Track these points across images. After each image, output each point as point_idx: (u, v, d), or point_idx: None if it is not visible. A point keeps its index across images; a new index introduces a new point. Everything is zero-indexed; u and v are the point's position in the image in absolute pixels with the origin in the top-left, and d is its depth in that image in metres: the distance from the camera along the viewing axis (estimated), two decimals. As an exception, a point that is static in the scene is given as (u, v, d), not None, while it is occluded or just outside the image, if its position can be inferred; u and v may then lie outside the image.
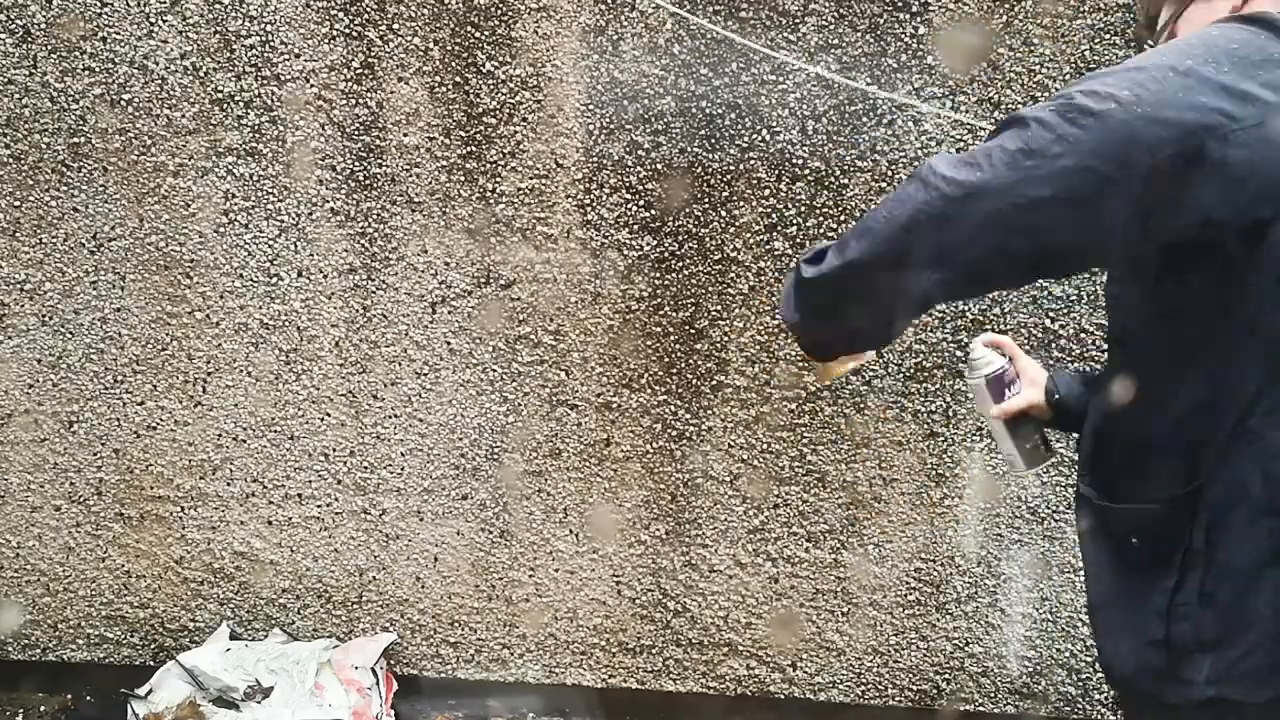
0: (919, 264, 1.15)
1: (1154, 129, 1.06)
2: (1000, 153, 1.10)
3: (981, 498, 2.42)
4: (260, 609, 2.64)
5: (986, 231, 1.11)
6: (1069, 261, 1.26)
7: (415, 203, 2.38)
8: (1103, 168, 1.06)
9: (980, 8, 2.20)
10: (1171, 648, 1.23)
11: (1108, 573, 1.33)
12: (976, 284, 1.35)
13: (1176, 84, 1.07)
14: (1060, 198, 1.07)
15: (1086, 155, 1.07)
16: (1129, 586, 1.29)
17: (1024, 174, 1.08)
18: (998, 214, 1.10)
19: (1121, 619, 1.29)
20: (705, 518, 2.49)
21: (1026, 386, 1.58)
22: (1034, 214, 1.08)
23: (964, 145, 2.25)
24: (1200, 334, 1.18)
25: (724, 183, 2.32)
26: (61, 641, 2.70)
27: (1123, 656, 1.29)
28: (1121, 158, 1.06)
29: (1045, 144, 1.08)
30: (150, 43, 2.34)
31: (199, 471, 2.56)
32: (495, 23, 2.28)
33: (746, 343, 2.39)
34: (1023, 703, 2.52)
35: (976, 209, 1.11)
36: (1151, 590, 1.25)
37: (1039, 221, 1.09)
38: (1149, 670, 1.25)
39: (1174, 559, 1.23)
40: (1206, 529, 1.20)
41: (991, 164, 1.10)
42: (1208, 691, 1.21)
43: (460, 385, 2.47)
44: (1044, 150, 1.07)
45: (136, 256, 2.45)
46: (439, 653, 2.65)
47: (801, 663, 2.56)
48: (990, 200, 1.10)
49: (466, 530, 2.55)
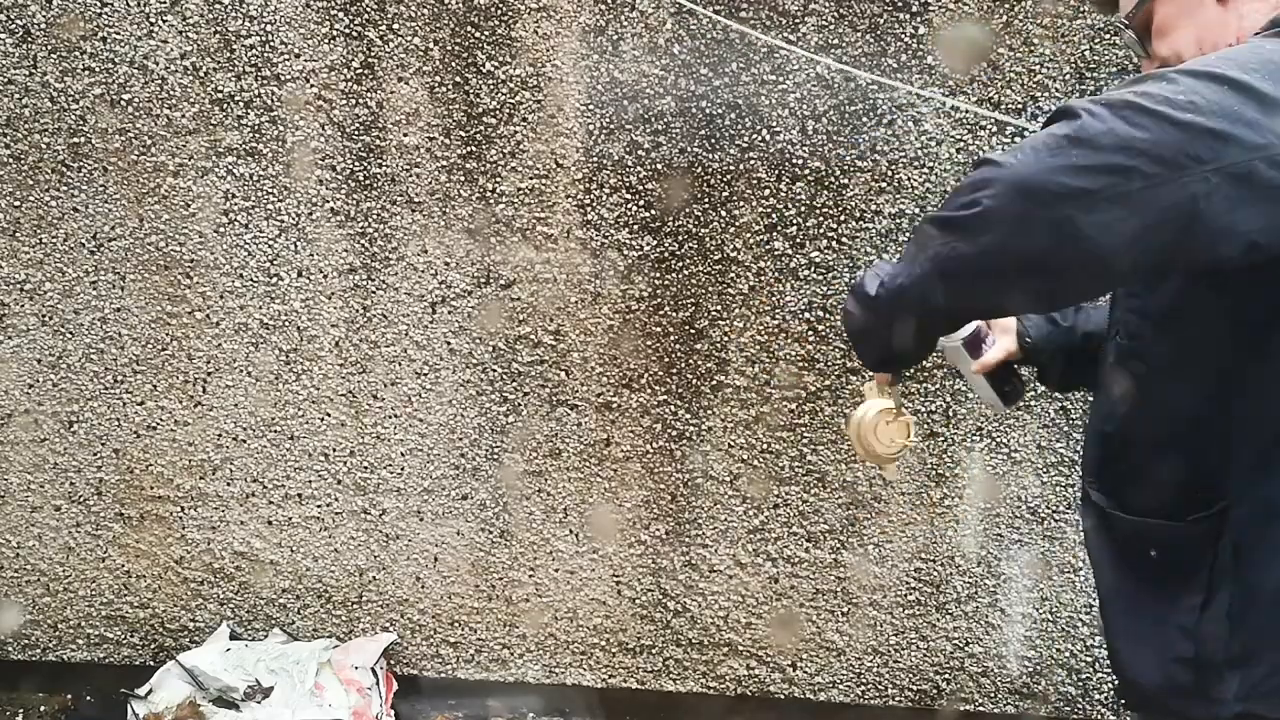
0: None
1: (1207, 141, 1.01)
2: (1047, 137, 1.05)
3: (981, 498, 2.42)
4: (260, 609, 2.64)
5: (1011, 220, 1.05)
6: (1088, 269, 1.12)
7: (415, 203, 2.38)
8: (1149, 169, 1.01)
9: (980, 8, 2.20)
10: (1200, 666, 1.22)
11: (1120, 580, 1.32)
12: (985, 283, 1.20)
13: (1234, 99, 1.03)
14: (1100, 193, 1.02)
15: (1136, 154, 1.01)
16: (1147, 598, 1.28)
17: (1067, 160, 1.03)
18: (1029, 193, 1.04)
19: (1141, 632, 1.28)
20: (705, 518, 2.49)
21: (999, 335, 1.57)
22: (1068, 202, 1.02)
23: (964, 145, 2.26)
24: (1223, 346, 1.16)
25: (724, 183, 2.32)
26: (61, 641, 2.70)
27: (1147, 672, 1.27)
28: (1172, 163, 1.01)
29: (1095, 134, 1.02)
30: (150, 43, 2.34)
31: (199, 471, 2.56)
32: (495, 23, 2.28)
33: (746, 343, 2.39)
34: (1023, 703, 2.52)
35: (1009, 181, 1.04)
36: (1174, 605, 1.24)
37: (1072, 213, 1.03)
38: (1176, 687, 1.24)
39: (1198, 576, 1.22)
40: (1234, 549, 1.19)
41: (1034, 146, 1.05)
42: (1235, 708, 1.20)
43: (460, 385, 2.47)
44: (1093, 141, 1.02)
45: (136, 256, 2.45)
46: (439, 653, 2.65)
47: (801, 663, 2.56)
48: (1024, 179, 1.04)
49: (466, 530, 2.55)
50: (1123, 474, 1.31)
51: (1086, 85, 2.20)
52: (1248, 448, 1.18)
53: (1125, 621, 1.31)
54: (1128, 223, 1.02)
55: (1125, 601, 1.31)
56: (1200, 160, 1.01)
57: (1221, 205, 1.01)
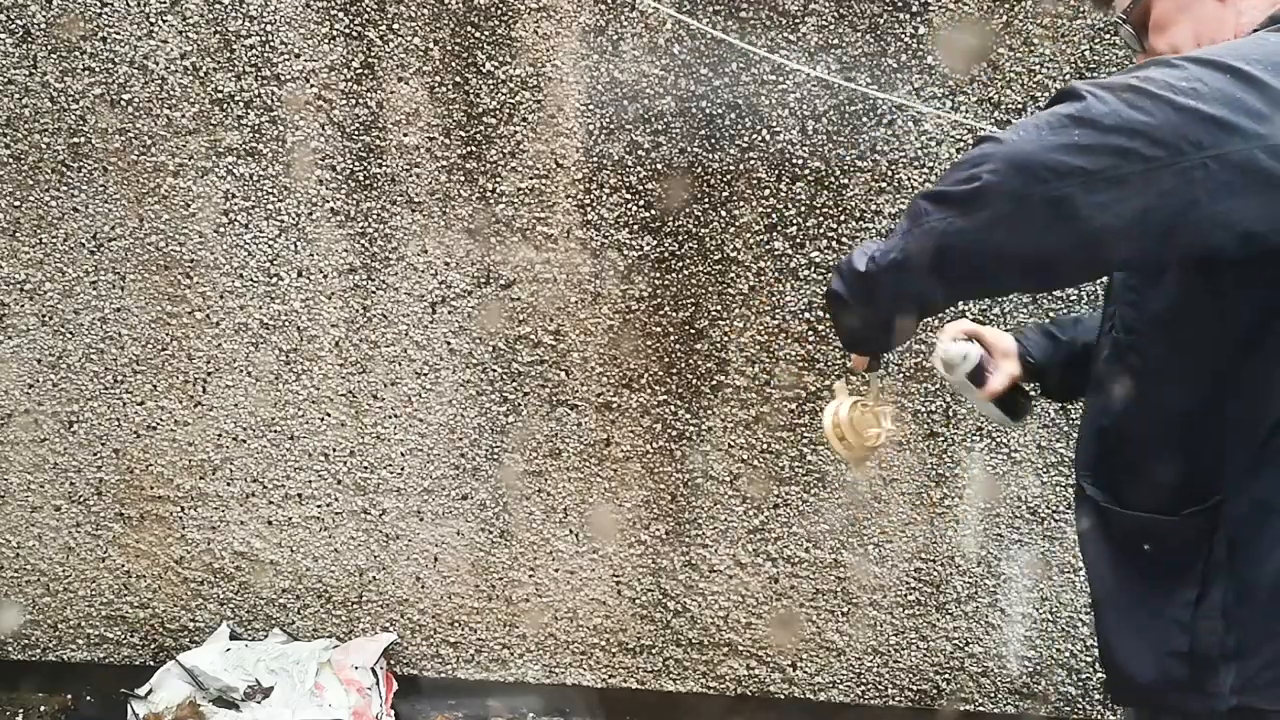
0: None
1: (1208, 127, 1.01)
2: (1050, 116, 1.05)
3: (981, 498, 2.42)
4: (260, 609, 2.64)
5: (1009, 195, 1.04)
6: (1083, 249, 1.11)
7: (415, 203, 2.38)
8: (1149, 152, 1.01)
9: (980, 8, 2.20)
10: (1196, 660, 1.23)
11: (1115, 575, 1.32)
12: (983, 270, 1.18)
13: (1237, 88, 1.03)
14: (1100, 173, 1.02)
15: (1136, 136, 1.01)
16: (1140, 591, 1.28)
17: (1068, 138, 1.03)
18: (1028, 169, 1.03)
19: (1136, 627, 1.29)
20: (705, 518, 2.49)
21: (1001, 360, 1.57)
22: (1067, 180, 1.02)
23: (964, 146, 2.25)
24: (1219, 346, 1.17)
25: (724, 183, 2.32)
26: (61, 641, 2.70)
27: (1142, 668, 1.28)
28: (1172, 146, 1.01)
29: (1098, 115, 1.02)
30: (150, 43, 2.34)
31: (199, 471, 2.56)
32: (495, 23, 2.28)
33: (746, 343, 2.39)
34: (1023, 703, 2.52)
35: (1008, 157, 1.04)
36: (1169, 599, 1.24)
37: (1070, 192, 1.02)
38: (1171, 680, 1.25)
39: (1193, 571, 1.22)
40: (1229, 544, 1.20)
41: (1036, 124, 1.05)
42: (1231, 701, 1.21)
43: (460, 385, 2.47)
44: (1095, 121, 1.02)
45: (136, 256, 2.45)
46: (439, 653, 2.65)
47: (801, 663, 2.56)
48: (1025, 156, 1.03)
49: (466, 530, 2.55)
50: (1118, 469, 1.32)
51: (1086, 85, 2.20)
52: (1241, 447, 1.18)
53: (1120, 617, 1.32)
54: (1125, 204, 1.02)
55: (1120, 597, 1.32)
56: (1200, 146, 1.01)
57: (1219, 192, 1.01)
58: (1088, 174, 1.02)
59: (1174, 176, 1.01)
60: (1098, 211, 1.02)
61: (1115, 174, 1.02)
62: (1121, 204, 1.02)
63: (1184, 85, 1.02)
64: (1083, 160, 1.02)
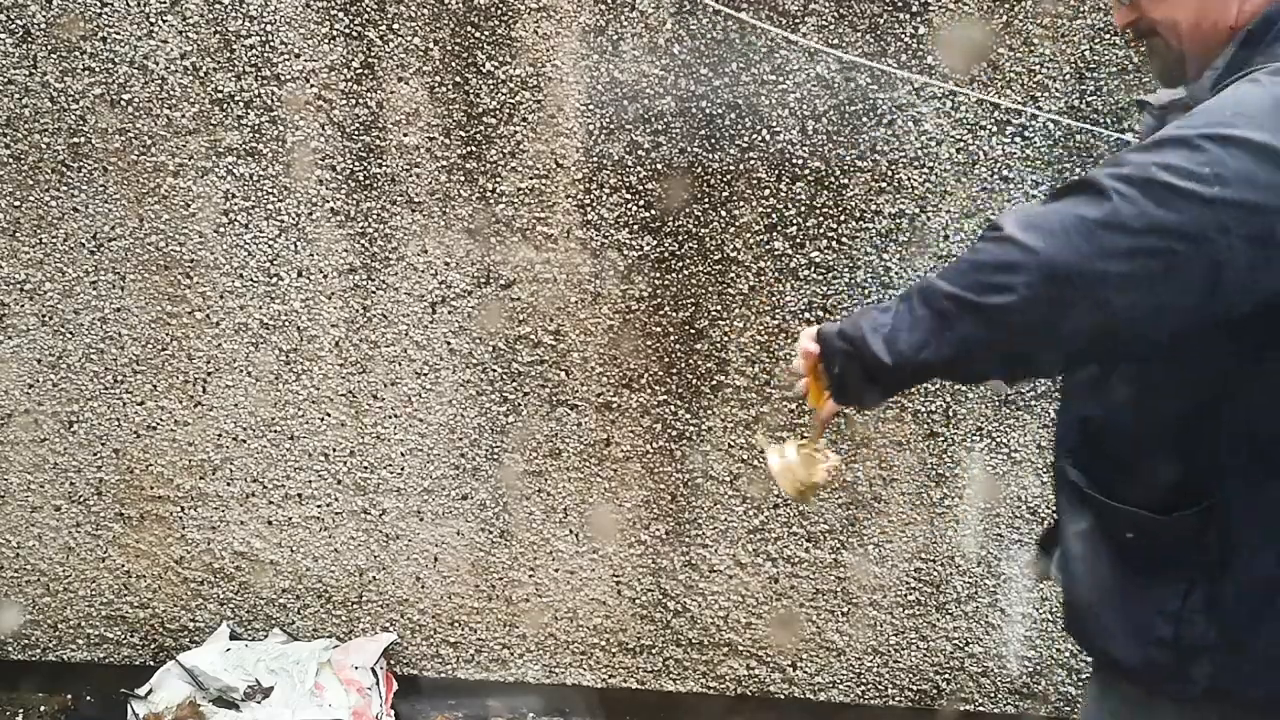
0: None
1: (1236, 213, 1.04)
2: (1076, 221, 1.07)
3: (981, 498, 2.42)
4: (260, 609, 2.64)
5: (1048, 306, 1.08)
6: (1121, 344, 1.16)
7: (415, 203, 2.38)
8: (1180, 247, 1.04)
9: (980, 8, 2.20)
10: (1180, 649, 1.25)
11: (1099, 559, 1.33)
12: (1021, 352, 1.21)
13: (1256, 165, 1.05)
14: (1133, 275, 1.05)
15: (1168, 235, 1.04)
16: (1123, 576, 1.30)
17: (1100, 245, 1.06)
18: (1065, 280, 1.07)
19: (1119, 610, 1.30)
20: (705, 518, 2.49)
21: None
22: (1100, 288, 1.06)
23: (964, 145, 2.26)
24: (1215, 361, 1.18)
25: (724, 183, 2.32)
26: (61, 641, 2.70)
27: (1127, 650, 1.30)
28: (1200, 237, 1.04)
29: (1127, 218, 1.05)
30: (150, 43, 2.34)
31: (199, 471, 2.56)
32: (495, 23, 2.28)
33: (746, 343, 2.39)
34: (1023, 703, 2.52)
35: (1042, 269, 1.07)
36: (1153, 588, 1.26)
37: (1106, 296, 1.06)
38: (1155, 666, 1.27)
39: (1181, 565, 1.24)
40: (1219, 544, 1.21)
41: (1064, 228, 1.07)
42: (1205, 685, 1.24)
43: (460, 385, 2.47)
44: (1125, 225, 1.05)
45: (136, 256, 2.45)
46: (439, 653, 2.65)
47: (801, 663, 2.56)
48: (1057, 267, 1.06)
49: (466, 530, 2.55)
50: (1104, 460, 1.33)
51: (1086, 85, 2.20)
52: (1236, 453, 1.19)
53: (1097, 597, 1.33)
54: (1158, 298, 1.06)
55: (1101, 580, 1.33)
56: (1227, 231, 1.04)
57: (1243, 268, 1.05)
58: (1124, 277, 1.05)
59: (1201, 264, 1.05)
60: (1129, 308, 1.07)
61: (1146, 273, 1.05)
62: (1153, 298, 1.07)
63: (1207, 173, 1.05)
64: (1118, 265, 1.05)
